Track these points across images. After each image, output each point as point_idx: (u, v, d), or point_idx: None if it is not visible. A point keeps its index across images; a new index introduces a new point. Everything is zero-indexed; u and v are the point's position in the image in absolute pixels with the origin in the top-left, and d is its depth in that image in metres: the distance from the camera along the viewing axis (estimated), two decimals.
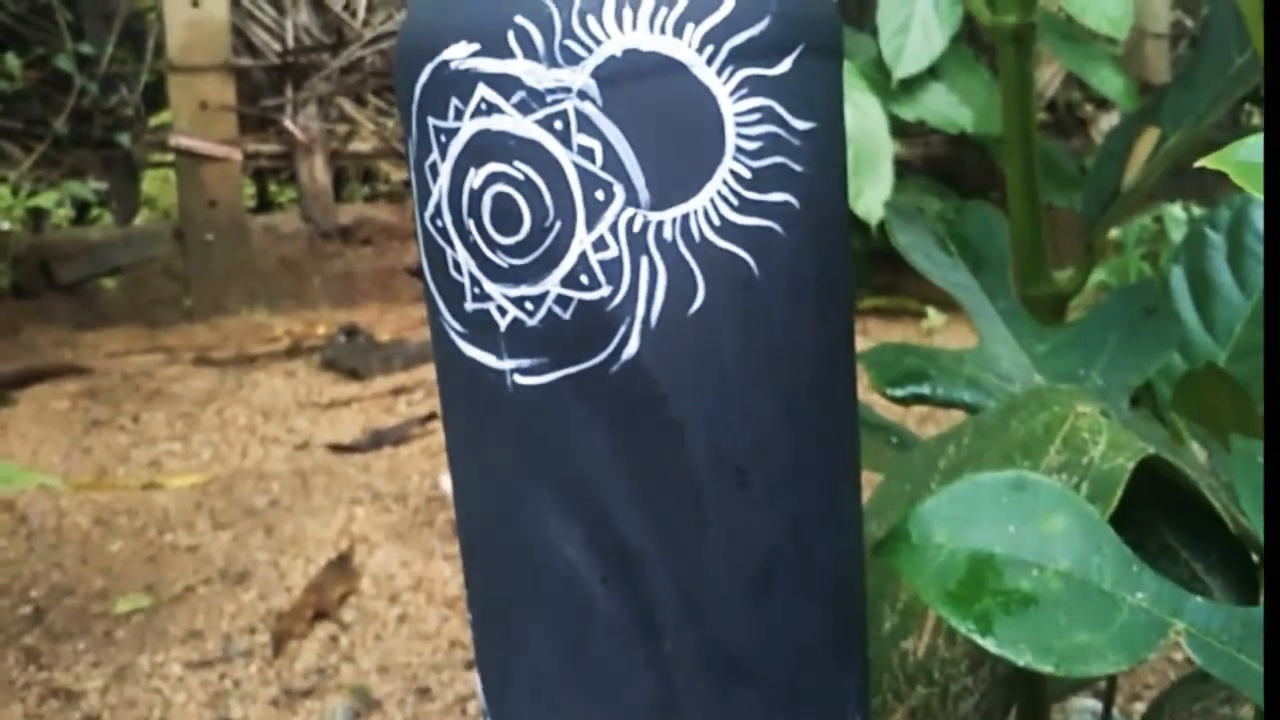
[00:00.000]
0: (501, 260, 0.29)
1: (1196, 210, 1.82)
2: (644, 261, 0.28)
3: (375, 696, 0.97)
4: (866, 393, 0.45)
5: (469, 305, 0.30)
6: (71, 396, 1.97)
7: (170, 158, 2.59)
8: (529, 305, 0.29)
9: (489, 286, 0.29)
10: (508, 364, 0.29)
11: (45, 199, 2.52)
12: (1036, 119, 0.60)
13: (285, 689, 0.99)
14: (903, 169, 2.21)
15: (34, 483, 1.12)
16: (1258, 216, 0.62)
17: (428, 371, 2.09)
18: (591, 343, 0.28)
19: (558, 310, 0.28)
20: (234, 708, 0.97)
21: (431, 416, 1.78)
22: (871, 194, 1.92)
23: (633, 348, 0.28)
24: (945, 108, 2.10)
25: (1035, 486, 0.35)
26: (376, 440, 1.69)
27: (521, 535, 0.30)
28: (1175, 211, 1.93)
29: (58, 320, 2.40)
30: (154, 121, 2.62)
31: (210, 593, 1.19)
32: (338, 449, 1.65)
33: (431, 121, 0.29)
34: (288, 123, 2.69)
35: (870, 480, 0.41)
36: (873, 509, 0.47)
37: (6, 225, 2.46)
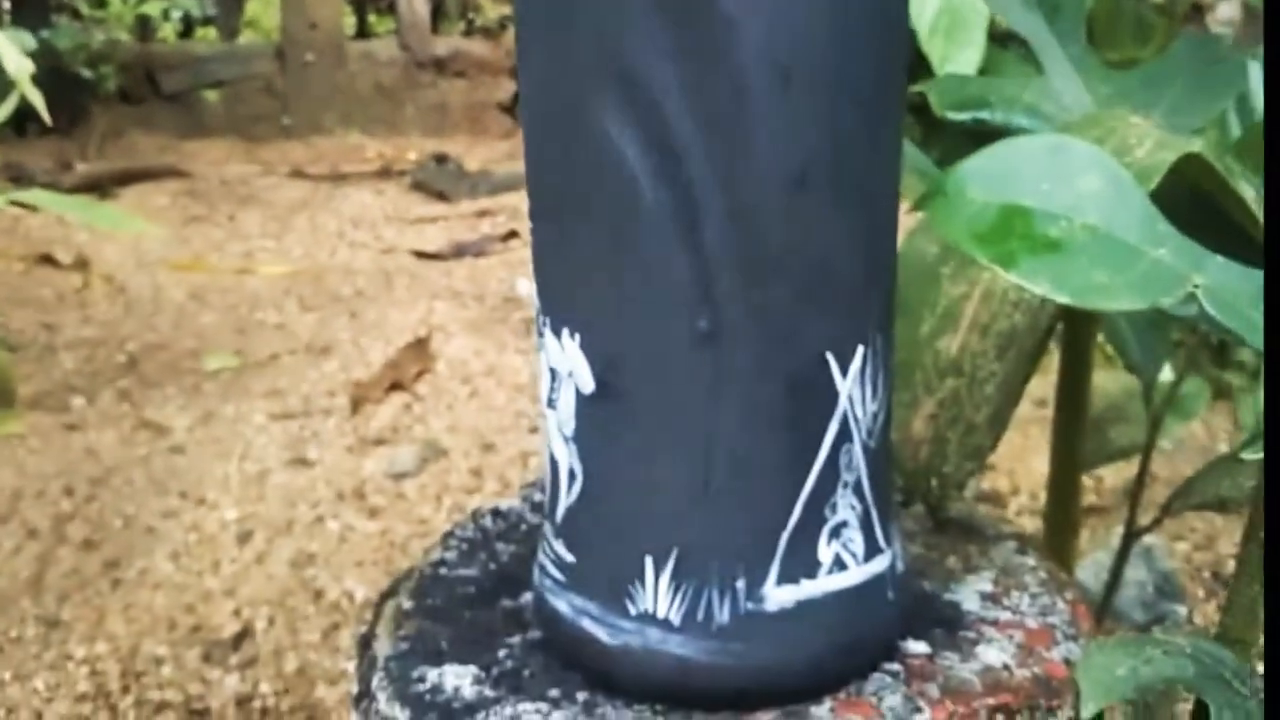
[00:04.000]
0: None
1: None
2: None
3: (443, 447, 1.02)
4: None
5: None
6: (171, 195, 2.03)
7: None
8: None
9: None
10: None
11: (152, 7, 2.56)
12: None
13: (360, 438, 1.05)
14: None
15: (138, 228, 1.18)
16: None
17: (511, 199, 2.12)
18: None
19: None
20: (310, 450, 1.03)
21: (512, 234, 1.82)
22: (963, 57, 1.88)
23: None
24: None
25: (1072, 148, 0.37)
26: (459, 251, 1.74)
27: (582, 130, 0.33)
28: None
29: (160, 127, 2.47)
30: None
31: (294, 362, 1.25)
32: (422, 255, 1.70)
33: None
34: None
35: None
36: (908, 246, 0.49)
37: (116, 33, 2.51)
